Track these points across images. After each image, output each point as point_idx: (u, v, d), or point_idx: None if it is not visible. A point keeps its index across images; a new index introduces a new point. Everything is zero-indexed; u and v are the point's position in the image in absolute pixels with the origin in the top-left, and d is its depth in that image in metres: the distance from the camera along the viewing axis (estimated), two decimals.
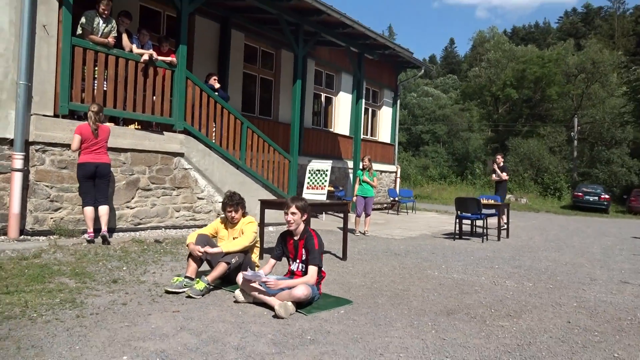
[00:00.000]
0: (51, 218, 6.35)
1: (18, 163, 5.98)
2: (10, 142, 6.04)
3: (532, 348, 3.31)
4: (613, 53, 36.47)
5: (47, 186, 6.31)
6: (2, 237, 5.94)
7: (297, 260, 4.26)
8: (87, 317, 3.41)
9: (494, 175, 11.83)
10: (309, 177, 11.51)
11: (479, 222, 10.00)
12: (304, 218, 4.21)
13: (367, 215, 9.34)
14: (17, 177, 5.98)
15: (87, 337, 3.04)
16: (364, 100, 14.60)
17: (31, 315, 3.36)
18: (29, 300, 3.68)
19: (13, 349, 2.78)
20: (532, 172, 32.39)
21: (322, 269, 4.27)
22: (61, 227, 6.34)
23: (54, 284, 4.20)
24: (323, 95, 14.97)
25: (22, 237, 6.04)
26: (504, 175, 11.52)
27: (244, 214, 4.80)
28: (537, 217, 17.90)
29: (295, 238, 4.26)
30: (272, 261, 4.33)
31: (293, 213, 4.17)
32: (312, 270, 4.05)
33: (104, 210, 6.25)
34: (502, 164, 11.64)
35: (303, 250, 4.19)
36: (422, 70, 18.43)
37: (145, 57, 7.28)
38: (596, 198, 22.89)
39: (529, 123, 39.73)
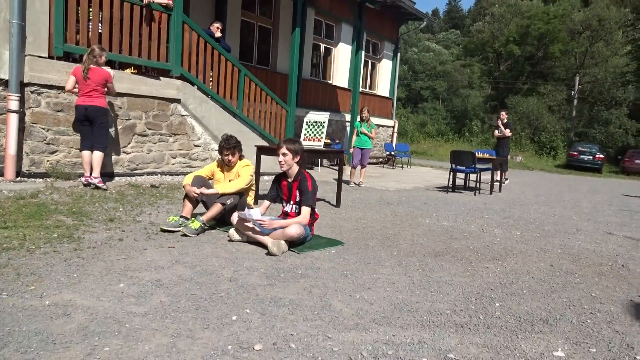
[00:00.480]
0: (47, 161, 6.38)
1: (13, 104, 5.95)
2: (5, 83, 5.99)
3: (514, 286, 3.45)
4: (620, 10, 35.57)
5: (43, 129, 6.31)
6: None
7: (291, 202, 4.34)
8: (84, 250, 3.52)
9: (496, 132, 11.83)
10: (305, 129, 11.50)
11: (473, 177, 10.10)
12: (295, 160, 4.26)
13: (362, 167, 9.41)
14: (13, 119, 5.96)
15: (85, 267, 3.15)
16: (363, 52, 14.37)
17: (29, 247, 3.46)
18: (27, 234, 3.77)
19: (13, 275, 2.89)
20: (530, 131, 32.31)
21: (316, 211, 4.37)
22: (57, 169, 6.39)
23: (51, 220, 4.30)
24: (322, 46, 14.72)
25: (19, 178, 6.10)
26: (507, 132, 11.53)
27: (240, 157, 4.85)
28: (530, 174, 18.04)
29: (289, 180, 4.33)
30: (266, 202, 4.42)
31: (284, 154, 4.22)
32: (305, 210, 4.14)
33: (93, 155, 6.21)
34: (505, 120, 11.64)
35: (297, 191, 4.27)
36: (424, 23, 18.07)
37: None
38: (591, 157, 22.99)
39: (529, 81, 39.27)
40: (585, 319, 2.89)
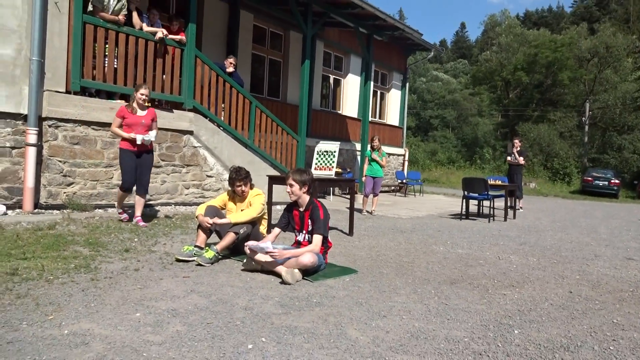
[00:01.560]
0: (64, 192, 6.49)
1: (32, 138, 6.11)
2: (24, 118, 6.17)
3: (532, 313, 3.39)
4: (627, 37, 35.81)
5: (60, 161, 6.44)
6: (18, 210, 6.11)
7: (304, 231, 4.35)
8: (101, 280, 3.55)
9: (509, 158, 11.86)
10: (316, 158, 11.58)
11: (487, 204, 10.04)
12: (303, 190, 4.29)
13: (374, 195, 9.41)
14: (31, 152, 6.11)
15: (102, 297, 3.17)
16: (372, 83, 14.57)
17: (48, 278, 3.50)
18: (45, 265, 3.81)
19: (32, 305, 2.92)
20: (542, 158, 32.17)
21: (329, 239, 4.37)
22: (74, 201, 6.49)
23: (68, 251, 4.34)
24: (332, 77, 14.96)
25: (37, 210, 6.21)
26: (521, 160, 11.56)
27: (251, 187, 4.89)
28: (545, 200, 17.87)
29: (301, 209, 4.36)
30: (277, 230, 4.43)
31: (291, 184, 4.27)
32: (317, 239, 4.14)
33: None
34: (519, 148, 11.70)
35: (309, 220, 4.29)
36: (432, 53, 18.31)
37: (159, 34, 7.35)
38: (606, 183, 22.75)
39: (539, 108, 39.35)
40: (608, 345, 2.83)
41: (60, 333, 2.54)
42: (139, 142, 5.85)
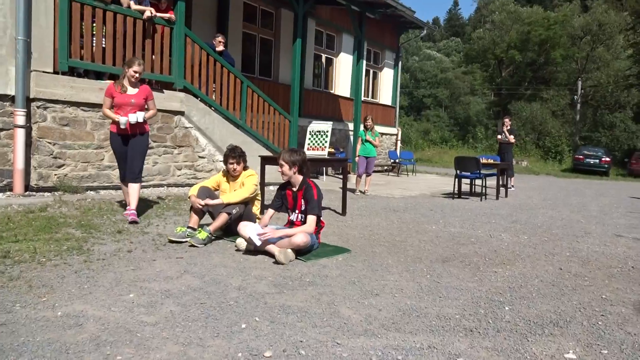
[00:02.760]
0: (55, 175, 6.43)
1: (20, 119, 6.02)
2: (12, 99, 6.07)
3: (523, 290, 3.44)
4: (620, 14, 35.63)
5: (49, 143, 6.37)
6: (8, 193, 6.06)
7: (297, 211, 4.36)
8: (94, 262, 3.54)
9: (499, 136, 11.89)
10: (309, 138, 11.57)
11: (479, 183, 10.09)
12: (293, 170, 4.28)
13: (367, 175, 9.42)
14: (20, 134, 6.03)
15: (95, 279, 3.17)
16: (364, 62, 14.46)
17: (40, 260, 3.49)
18: (37, 247, 3.80)
19: (25, 287, 2.92)
20: (534, 136, 32.27)
21: (322, 219, 4.38)
22: (65, 183, 6.44)
23: (60, 233, 4.33)
24: (324, 56, 14.81)
25: (28, 192, 6.16)
26: (512, 138, 11.61)
27: (245, 168, 4.87)
28: (536, 179, 17.98)
29: (294, 189, 4.35)
30: (271, 211, 4.43)
31: (281, 165, 4.28)
32: (311, 219, 4.15)
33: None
34: (509, 126, 11.72)
35: (302, 200, 4.29)
36: (425, 31, 18.16)
37: (148, 13, 7.21)
38: (597, 161, 22.91)
39: (532, 86, 39.29)
40: (597, 321, 2.88)
41: (54, 315, 2.54)
42: (122, 127, 5.06)
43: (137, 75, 5.21)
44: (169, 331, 2.42)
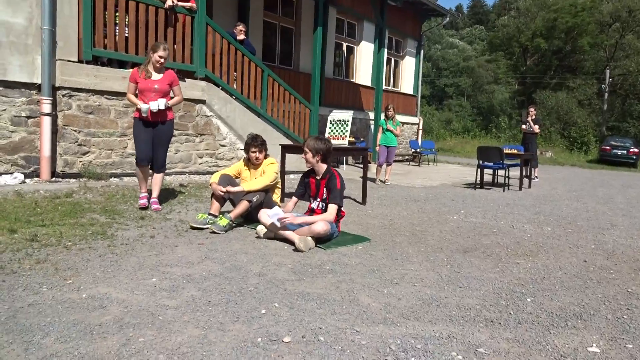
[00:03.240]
0: (80, 161, 6.56)
1: (46, 107, 6.14)
2: (38, 87, 6.19)
3: (546, 282, 3.39)
4: None
5: (74, 130, 6.49)
6: (36, 179, 6.20)
7: (318, 199, 4.36)
8: (117, 247, 3.61)
9: (524, 126, 11.71)
10: (329, 128, 11.51)
11: (501, 173, 9.94)
12: (317, 159, 4.27)
13: (388, 164, 9.37)
14: (46, 121, 6.16)
15: (119, 263, 3.23)
16: (386, 50, 14.29)
17: (66, 244, 3.57)
18: (63, 231, 3.89)
19: (52, 270, 2.99)
20: (559, 126, 31.58)
21: (342, 208, 4.37)
22: (90, 170, 6.57)
23: (85, 219, 4.42)
24: (344, 45, 14.70)
25: (54, 179, 6.30)
26: (536, 128, 11.42)
27: (266, 156, 4.89)
28: (561, 170, 17.63)
29: (317, 177, 4.36)
30: (294, 199, 4.45)
31: (305, 152, 4.28)
32: (332, 208, 4.15)
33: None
34: (534, 116, 11.52)
35: (324, 189, 4.29)
36: (447, 19, 17.87)
37: (169, 2, 7.26)
38: (624, 152, 22.31)
39: (558, 75, 38.41)
40: (622, 314, 2.82)
41: (79, 297, 2.60)
42: (143, 114, 4.99)
43: (162, 60, 5.08)
44: (190, 315, 2.46)
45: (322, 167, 4.33)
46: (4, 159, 6.05)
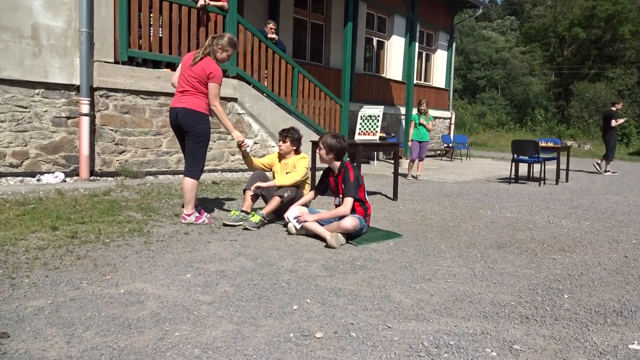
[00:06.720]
0: (117, 160, 6.76)
1: (85, 108, 6.35)
2: (77, 88, 6.40)
3: (584, 278, 3.29)
4: None
5: (111, 130, 6.68)
6: (75, 177, 6.43)
7: (340, 195, 4.35)
8: (153, 244, 3.71)
9: (613, 122, 11.59)
10: (360, 123, 11.46)
11: (537, 167, 9.69)
12: (330, 156, 4.28)
13: (420, 159, 9.27)
14: (85, 122, 6.36)
15: (155, 259, 3.32)
16: (417, 44, 14.12)
17: (104, 241, 3.69)
18: (101, 229, 4.02)
19: (91, 266, 3.10)
20: (598, 118, 30.47)
21: (367, 202, 4.33)
22: (126, 168, 6.75)
23: (122, 216, 4.55)
24: (375, 40, 14.60)
25: (92, 177, 6.51)
26: (614, 122, 11.39)
27: (297, 152, 4.92)
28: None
29: (335, 174, 4.36)
30: (312, 193, 4.55)
31: (319, 148, 4.29)
32: (346, 201, 4.10)
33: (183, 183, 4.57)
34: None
35: (342, 185, 4.28)
36: (480, 10, 17.49)
37: (201, 1, 7.37)
38: None
39: (596, 65, 37.04)
40: None
41: (117, 292, 2.69)
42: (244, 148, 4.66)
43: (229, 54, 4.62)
44: (224, 310, 2.50)
45: (337, 164, 4.33)
46: (46, 159, 6.29)
